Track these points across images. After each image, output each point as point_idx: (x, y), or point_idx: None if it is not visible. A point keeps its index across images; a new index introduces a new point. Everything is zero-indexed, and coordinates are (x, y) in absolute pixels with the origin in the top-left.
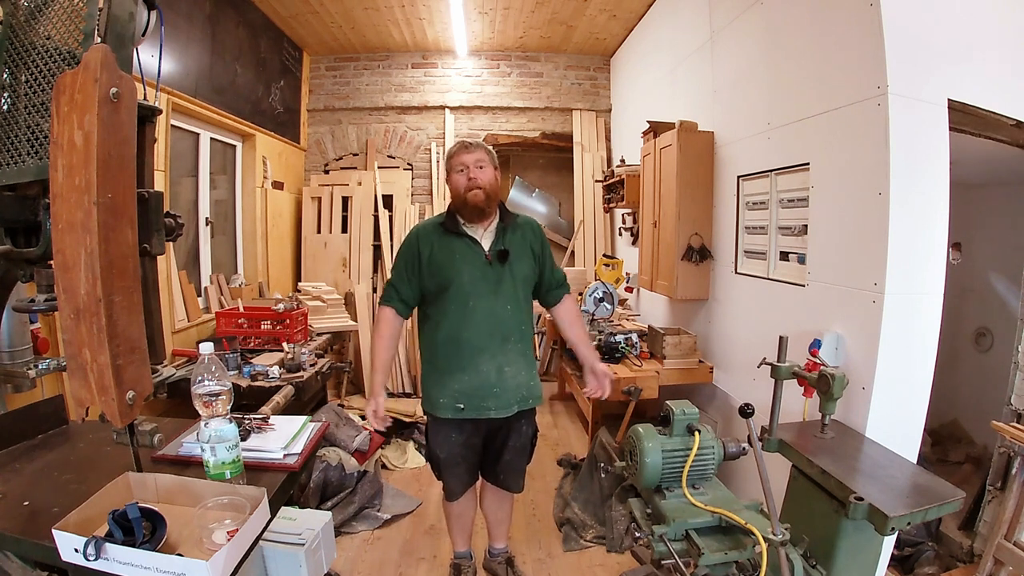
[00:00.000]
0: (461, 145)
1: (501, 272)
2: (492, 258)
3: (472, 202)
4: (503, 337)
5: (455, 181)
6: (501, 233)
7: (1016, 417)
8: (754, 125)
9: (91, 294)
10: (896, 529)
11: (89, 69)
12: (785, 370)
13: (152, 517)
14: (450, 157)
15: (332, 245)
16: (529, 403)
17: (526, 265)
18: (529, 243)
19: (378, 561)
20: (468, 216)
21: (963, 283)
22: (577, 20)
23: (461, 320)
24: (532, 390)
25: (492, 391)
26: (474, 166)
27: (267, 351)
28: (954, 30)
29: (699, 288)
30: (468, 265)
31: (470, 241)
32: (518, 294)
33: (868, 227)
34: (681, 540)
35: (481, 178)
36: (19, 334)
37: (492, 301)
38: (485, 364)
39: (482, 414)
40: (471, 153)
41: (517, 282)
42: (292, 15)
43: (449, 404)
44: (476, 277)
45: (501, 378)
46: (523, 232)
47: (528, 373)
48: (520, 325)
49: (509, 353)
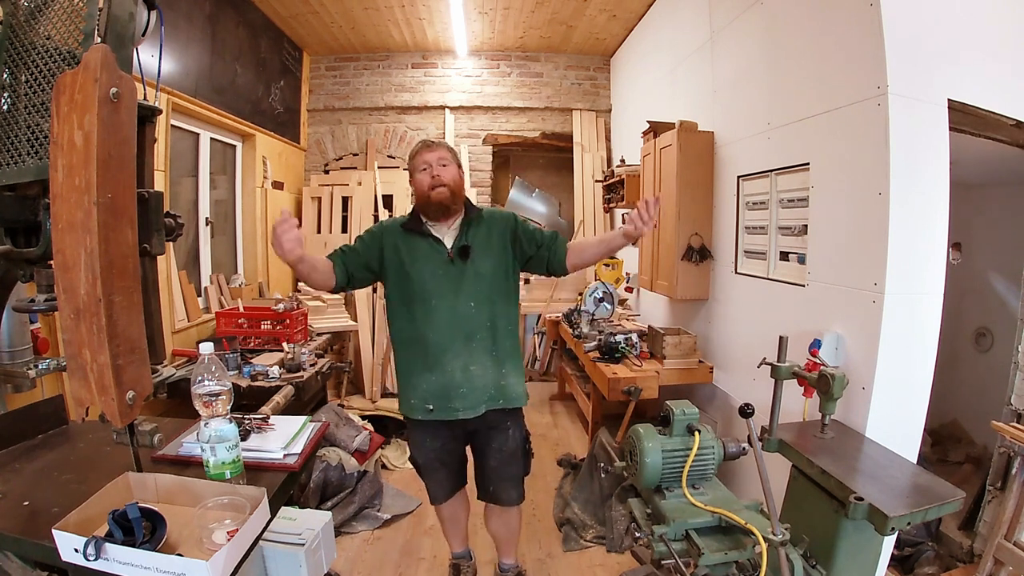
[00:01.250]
0: (423, 144)
1: (463, 269)
2: (454, 255)
3: (436, 199)
4: (466, 335)
5: (419, 181)
6: (464, 229)
7: (1016, 417)
8: (754, 125)
9: (91, 294)
10: (896, 529)
11: (89, 69)
12: (785, 370)
13: (152, 517)
14: (412, 157)
15: (332, 245)
16: (499, 402)
17: (493, 259)
18: (498, 233)
19: (378, 561)
20: (433, 215)
21: (963, 283)
22: (577, 20)
23: (425, 320)
24: (504, 390)
25: (459, 391)
26: (437, 163)
27: (267, 351)
28: (954, 30)
29: (699, 288)
30: (429, 264)
31: (432, 241)
32: (483, 291)
33: (868, 227)
34: (681, 540)
35: (445, 175)
36: (19, 334)
37: (454, 300)
38: (450, 363)
39: (450, 415)
40: (433, 151)
41: (482, 279)
42: (292, 15)
43: (419, 405)
44: (438, 276)
45: (467, 377)
46: (489, 224)
47: (497, 371)
48: (486, 322)
49: (474, 352)
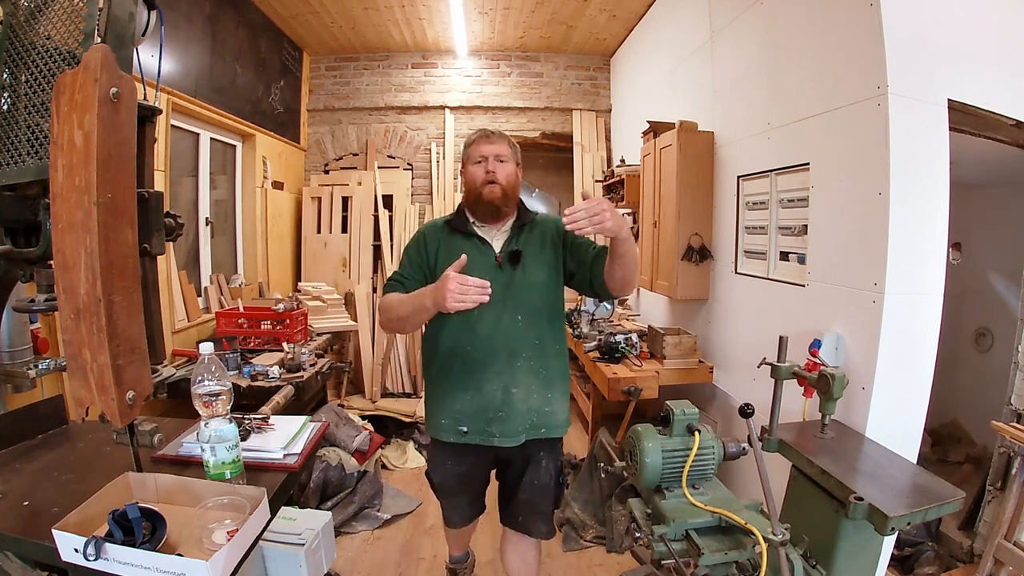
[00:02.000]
0: (482, 134)
1: (511, 276)
2: (503, 260)
3: (488, 198)
4: (511, 352)
5: (471, 173)
6: (516, 233)
7: (1016, 417)
8: (754, 125)
9: (91, 294)
10: (896, 529)
11: (89, 69)
12: (785, 370)
13: (152, 517)
14: (468, 146)
15: (332, 245)
16: (541, 432)
17: (545, 269)
18: (550, 240)
19: (378, 561)
20: (481, 215)
21: (963, 283)
22: (577, 20)
23: (464, 331)
24: (547, 417)
25: (497, 415)
26: (494, 159)
27: (267, 351)
28: (954, 30)
29: (699, 288)
30: (474, 269)
31: (479, 242)
32: (534, 303)
33: (868, 227)
34: (681, 540)
35: (500, 173)
36: (19, 334)
37: (500, 310)
38: (490, 382)
39: (486, 440)
40: (492, 144)
41: (531, 287)
42: (292, 15)
43: (451, 426)
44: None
45: (508, 400)
46: (542, 229)
47: (542, 396)
48: (533, 339)
49: (518, 372)
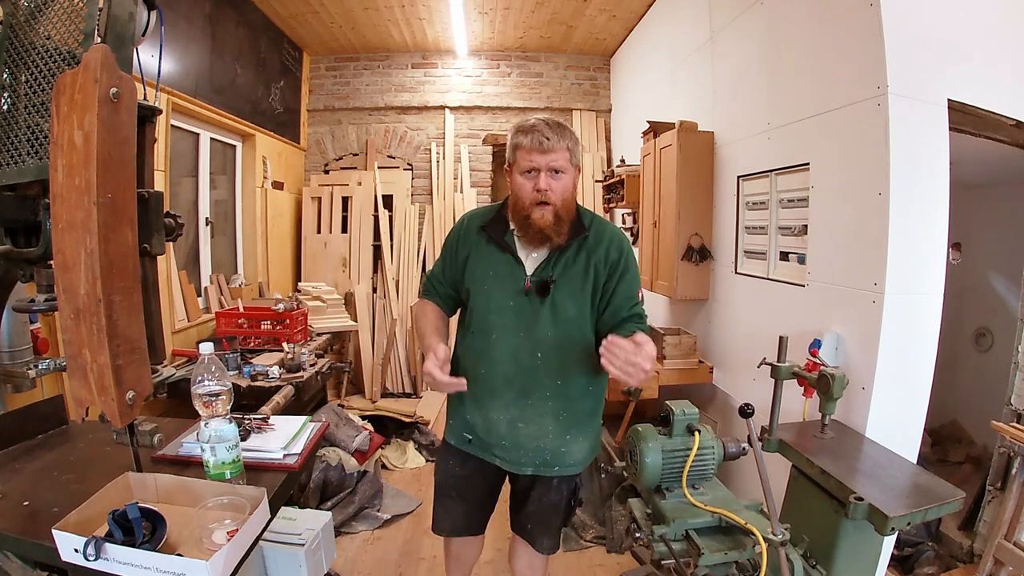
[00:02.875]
0: (535, 138)
1: (538, 307)
2: (531, 287)
3: (538, 225)
4: (523, 390)
5: (518, 187)
6: (556, 254)
7: (1016, 417)
8: (754, 125)
9: (91, 294)
10: (896, 529)
11: (89, 69)
12: (785, 370)
13: (152, 517)
14: (517, 147)
15: (332, 245)
16: (554, 470)
17: (577, 303)
18: (595, 266)
19: (378, 561)
20: (527, 238)
21: (963, 283)
22: (577, 20)
23: (481, 353)
24: (562, 457)
25: (500, 443)
26: (547, 171)
27: (267, 351)
28: (954, 30)
29: (699, 288)
30: (500, 290)
31: (512, 259)
32: (560, 340)
33: (868, 227)
34: (681, 540)
35: (555, 191)
36: (19, 334)
37: (518, 343)
38: (496, 412)
39: (489, 458)
40: (546, 154)
41: (560, 325)
42: (292, 15)
43: (458, 430)
44: (506, 307)
45: (513, 433)
46: (592, 251)
47: (559, 438)
48: (555, 379)
49: (529, 410)
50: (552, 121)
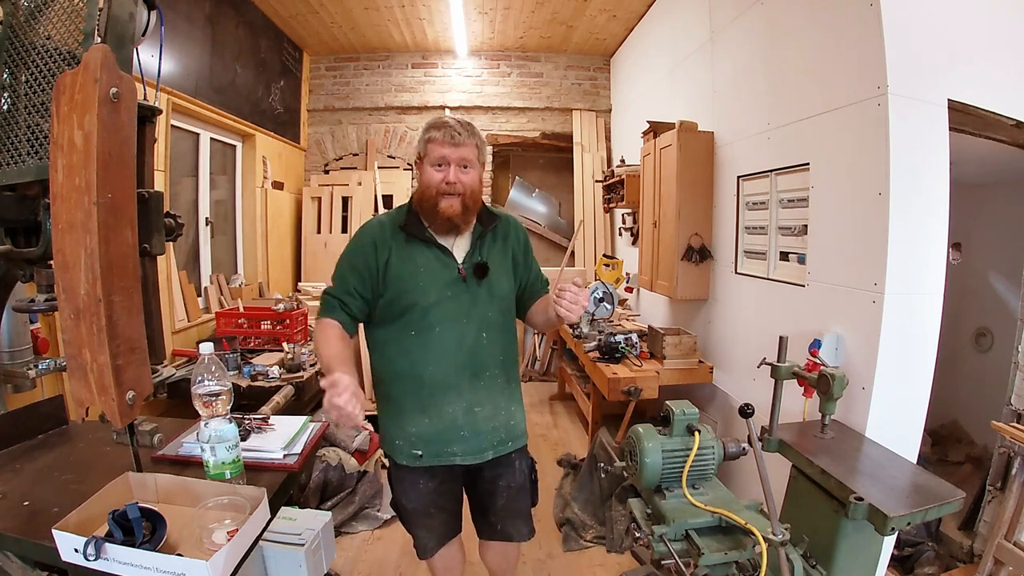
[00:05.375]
0: (446, 132)
1: (477, 291)
2: (467, 273)
3: (445, 214)
4: (474, 372)
5: (428, 177)
6: (479, 240)
7: (1016, 417)
8: (754, 125)
9: (91, 294)
10: (896, 529)
11: (89, 69)
12: (785, 370)
13: (152, 517)
14: (429, 141)
15: (332, 245)
16: (508, 446)
17: (507, 280)
18: (511, 249)
19: (378, 561)
20: (436, 227)
21: (963, 283)
22: (577, 20)
23: (423, 351)
24: (513, 430)
25: (459, 434)
26: (456, 166)
27: (267, 351)
28: (954, 30)
29: (699, 288)
30: (435, 282)
31: (439, 251)
32: (497, 317)
33: (868, 227)
34: (681, 540)
35: (462, 183)
36: (19, 334)
37: (463, 327)
38: (451, 404)
39: (447, 460)
40: (457, 148)
41: (496, 302)
42: (292, 15)
43: (405, 449)
44: (444, 298)
45: (471, 420)
46: (505, 238)
47: (507, 411)
48: (498, 355)
49: (481, 391)
50: (464, 120)
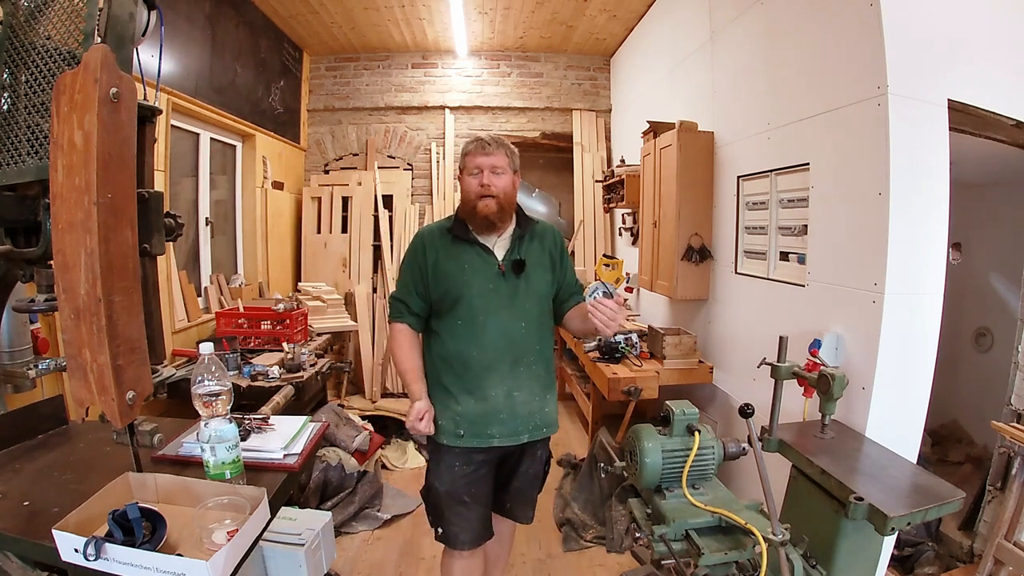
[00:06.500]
0: (478, 145)
1: (516, 285)
2: (506, 269)
3: (482, 213)
4: (515, 358)
5: (467, 185)
6: (518, 241)
7: (1016, 417)
8: (754, 125)
9: (91, 294)
10: (896, 529)
11: (89, 69)
12: (785, 370)
13: (152, 517)
14: (464, 155)
15: (332, 245)
16: (543, 431)
17: (544, 278)
18: (548, 251)
19: (378, 561)
20: (477, 227)
21: (963, 283)
22: (577, 20)
23: (470, 338)
24: (546, 417)
25: (498, 417)
26: (489, 171)
27: (267, 351)
28: (954, 30)
29: (699, 288)
30: (479, 277)
31: (481, 249)
32: (534, 310)
33: (868, 227)
34: (681, 540)
35: (496, 185)
36: (19, 334)
37: (505, 317)
38: (494, 387)
39: (485, 442)
40: (488, 156)
41: (533, 296)
42: (292, 15)
43: (449, 428)
44: (487, 290)
45: (510, 403)
46: (542, 240)
47: (542, 399)
48: (535, 345)
49: (520, 376)
50: (495, 135)
